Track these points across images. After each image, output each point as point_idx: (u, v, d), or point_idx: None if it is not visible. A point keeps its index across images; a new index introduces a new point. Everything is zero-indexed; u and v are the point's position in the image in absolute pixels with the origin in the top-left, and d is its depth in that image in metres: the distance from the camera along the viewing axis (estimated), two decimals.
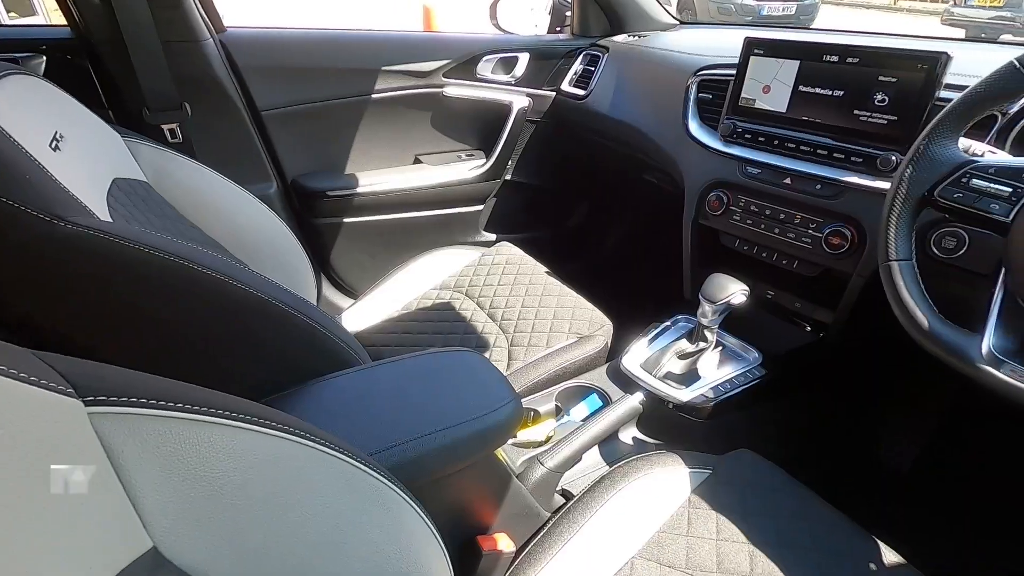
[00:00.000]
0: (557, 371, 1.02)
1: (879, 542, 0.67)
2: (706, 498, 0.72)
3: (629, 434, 0.96)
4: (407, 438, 0.55)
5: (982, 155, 0.67)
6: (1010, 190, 0.62)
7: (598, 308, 1.15)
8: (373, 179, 1.42)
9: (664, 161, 1.23)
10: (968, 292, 0.67)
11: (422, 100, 1.45)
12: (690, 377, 0.97)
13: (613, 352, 1.09)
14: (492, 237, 1.64)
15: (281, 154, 1.35)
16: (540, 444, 0.90)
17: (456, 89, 1.46)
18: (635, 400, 0.93)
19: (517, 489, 0.73)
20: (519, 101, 1.52)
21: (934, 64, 0.80)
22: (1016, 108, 0.79)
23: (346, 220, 1.43)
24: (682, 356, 0.98)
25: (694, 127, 1.14)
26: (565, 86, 1.54)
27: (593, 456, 0.90)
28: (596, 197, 1.85)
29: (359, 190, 1.40)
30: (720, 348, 1.02)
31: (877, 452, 1.31)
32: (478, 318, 1.15)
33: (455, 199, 1.54)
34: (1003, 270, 0.62)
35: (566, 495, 0.82)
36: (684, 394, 0.94)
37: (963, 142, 0.68)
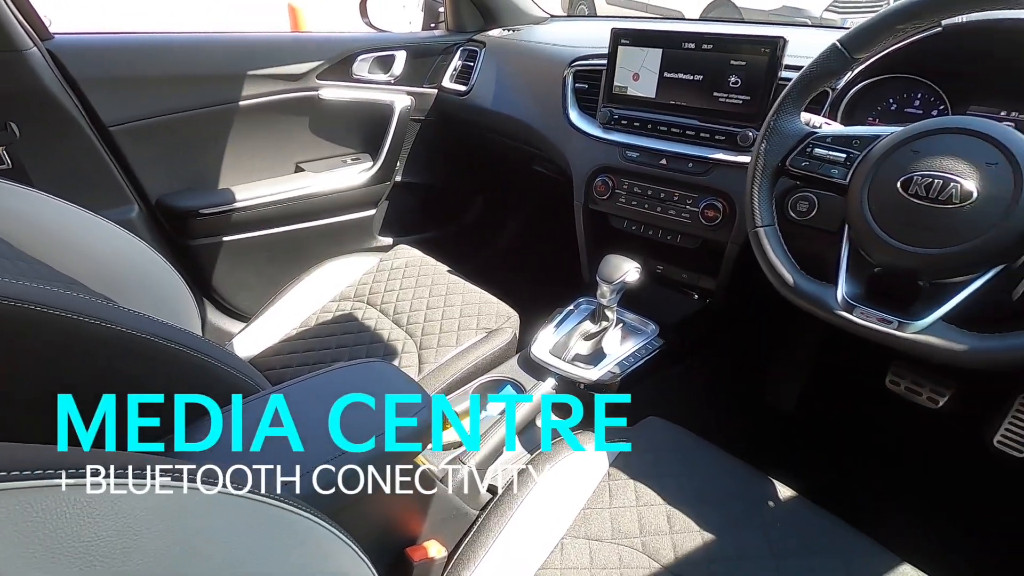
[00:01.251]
0: (470, 368, 1.02)
1: (775, 481, 0.74)
2: (623, 468, 0.76)
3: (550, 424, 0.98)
4: (318, 462, 0.52)
5: (820, 127, 0.75)
6: (844, 156, 0.70)
7: (503, 301, 1.16)
8: (252, 192, 1.32)
9: (551, 151, 1.27)
10: (822, 249, 0.75)
11: (297, 105, 1.37)
12: (597, 356, 1.01)
13: (522, 342, 1.11)
14: (389, 241, 1.60)
15: (139, 173, 1.22)
16: (460, 444, 0.90)
17: (332, 91, 1.40)
18: (548, 386, 0.95)
19: (442, 493, 0.72)
20: (401, 100, 1.49)
21: (774, 47, 0.89)
22: (842, 83, 0.90)
23: (226, 239, 1.32)
24: (587, 337, 1.02)
25: (575, 116, 1.18)
26: (446, 83, 1.53)
27: (515, 447, 0.91)
28: (490, 191, 1.87)
29: (237, 205, 1.30)
30: (621, 325, 1.07)
31: (765, 399, 1.45)
32: (383, 325, 1.12)
33: (345, 205, 1.48)
34: (846, 227, 0.70)
35: (492, 490, 0.82)
36: (593, 373, 0.97)
37: (804, 116, 0.76)
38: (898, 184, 0.63)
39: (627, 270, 0.94)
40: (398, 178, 1.57)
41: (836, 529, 0.67)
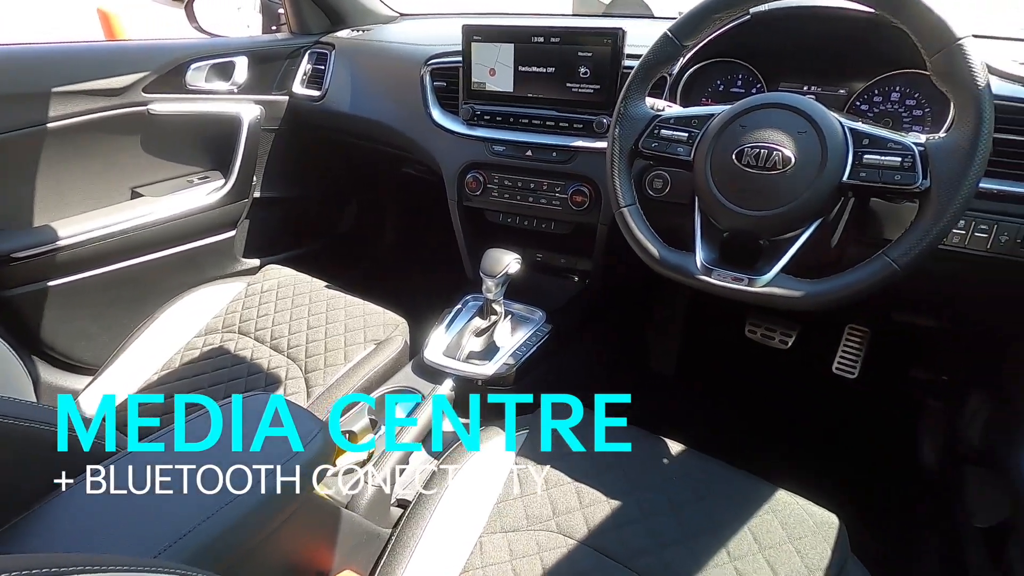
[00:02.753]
0: (363, 384, 0.98)
1: (666, 440, 0.80)
2: (529, 456, 0.78)
3: (448, 423, 0.97)
4: (203, 517, 0.47)
5: (663, 110, 0.82)
6: (687, 135, 0.77)
7: (390, 309, 1.13)
8: (78, 227, 1.14)
9: (418, 151, 1.25)
10: (679, 221, 0.82)
11: (122, 122, 1.21)
12: (490, 351, 1.02)
13: (415, 348, 1.08)
14: (255, 263, 1.48)
15: None
16: (364, 463, 0.86)
17: (165, 105, 1.26)
18: (446, 389, 0.94)
19: (349, 519, 0.69)
20: (249, 110, 1.38)
21: (615, 38, 0.95)
22: (677, 69, 0.99)
23: (52, 284, 1.13)
24: (479, 333, 1.02)
25: (437, 115, 1.17)
26: (297, 88, 1.44)
27: (420, 456, 0.89)
28: (362, 198, 1.80)
29: (61, 243, 1.11)
30: (510, 316, 1.09)
31: (649, 365, 1.56)
32: (260, 354, 1.03)
33: (198, 230, 1.34)
34: (696, 198, 0.77)
35: (403, 504, 0.80)
36: (488, 368, 0.98)
37: (649, 101, 0.82)
38: (733, 156, 0.70)
39: (508, 262, 0.96)
40: (257, 194, 1.45)
41: (722, 472, 0.74)
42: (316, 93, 1.40)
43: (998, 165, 0.75)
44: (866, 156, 0.66)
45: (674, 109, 0.82)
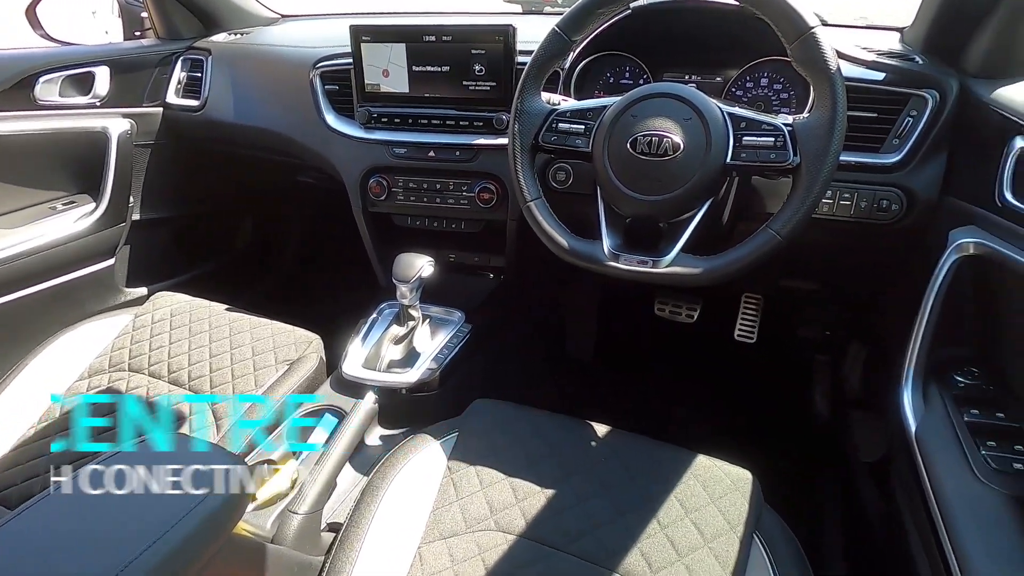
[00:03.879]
0: (279, 408, 0.92)
1: (593, 423, 0.82)
2: (461, 458, 0.77)
3: (375, 436, 0.94)
4: (113, 572, 0.42)
5: (559, 104, 0.83)
6: (583, 127, 0.79)
7: (300, 326, 1.07)
8: None
9: (314, 159, 1.19)
10: (585, 210, 0.84)
11: None
12: (411, 358, 1.00)
13: (332, 363, 1.04)
14: (142, 291, 1.35)
15: None
16: (288, 492, 0.81)
17: (12, 124, 1.11)
18: (369, 402, 0.91)
19: (277, 553, 0.65)
20: (117, 125, 1.25)
21: (506, 35, 0.96)
22: (568, 63, 1.01)
23: None
24: (397, 341, 1.00)
25: (332, 119, 1.12)
26: (172, 98, 1.33)
27: (348, 475, 0.86)
28: (258, 211, 1.70)
29: None
30: (428, 320, 1.07)
31: (568, 352, 1.60)
32: (158, 390, 0.95)
33: (69, 261, 1.20)
34: (598, 188, 0.80)
35: (334, 528, 0.76)
36: (411, 375, 0.96)
37: (545, 95, 0.83)
38: (628, 145, 0.73)
39: (421, 266, 0.94)
40: (136, 216, 1.33)
41: (647, 448, 0.78)
42: (194, 103, 1.30)
43: (853, 140, 0.84)
44: (744, 138, 0.71)
45: (569, 103, 0.85)
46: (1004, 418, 0.68)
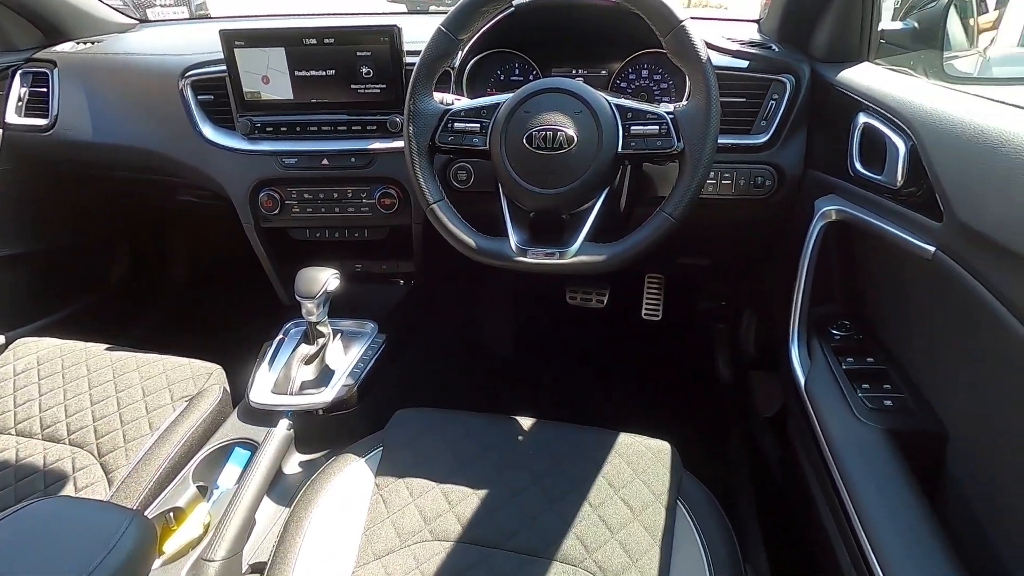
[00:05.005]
0: (182, 450, 0.85)
1: (518, 418, 0.83)
2: (389, 472, 0.75)
3: (294, 464, 0.89)
4: None
5: (453, 103, 0.83)
6: (479, 125, 0.79)
7: (198, 357, 0.99)
8: None
9: (193, 175, 1.10)
10: (489, 208, 0.84)
11: None
12: (325, 376, 0.95)
13: (237, 394, 0.97)
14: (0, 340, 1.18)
15: None
16: (201, 538, 0.75)
17: None
18: (282, 429, 0.85)
19: None
20: None
21: (392, 36, 0.94)
22: (458, 62, 1.01)
23: None
24: (308, 361, 0.94)
25: (210, 132, 1.04)
26: (12, 118, 1.17)
27: (268, 509, 0.80)
28: (135, 238, 1.54)
29: None
30: (339, 335, 1.02)
31: (488, 350, 1.61)
32: (30, 450, 0.83)
33: None
34: (500, 185, 0.80)
35: (257, 569, 0.71)
36: (327, 394, 0.92)
37: (437, 95, 0.82)
38: (524, 140, 0.75)
39: (325, 280, 0.90)
40: None
41: (573, 434, 0.80)
42: (42, 122, 1.15)
43: (727, 123, 0.91)
44: (632, 127, 0.74)
45: (463, 102, 0.84)
46: (873, 362, 0.77)
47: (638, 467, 0.74)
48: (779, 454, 1.02)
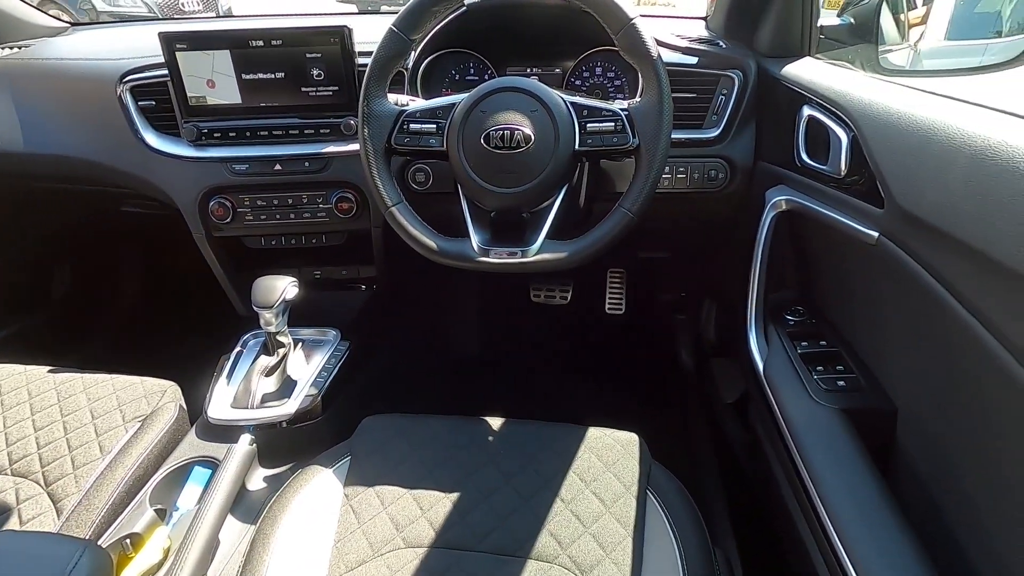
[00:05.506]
0: (136, 472, 0.81)
1: (487, 418, 0.83)
2: (358, 482, 0.73)
3: (258, 480, 0.86)
4: None
5: (407, 104, 0.82)
6: (435, 126, 0.78)
7: (151, 375, 0.94)
8: None
9: (137, 185, 1.05)
10: (449, 209, 0.84)
11: None
12: (287, 387, 0.92)
13: (195, 410, 0.93)
14: None
15: None
16: (161, 563, 0.72)
17: None
18: (244, 444, 0.82)
19: None
20: None
21: (342, 37, 0.92)
22: (411, 62, 1.00)
23: None
24: (268, 372, 0.91)
25: (153, 139, 1.00)
26: None
27: (232, 529, 0.78)
28: (77, 253, 1.46)
29: None
30: (300, 344, 1.00)
31: (453, 352, 1.60)
32: None
33: None
34: (459, 186, 0.80)
35: None
36: (290, 406, 0.89)
37: (392, 96, 0.81)
38: (481, 140, 0.74)
39: (283, 288, 0.87)
40: None
41: (541, 430, 0.80)
42: None
43: (680, 119, 0.92)
44: (588, 125, 0.75)
45: (418, 102, 0.83)
46: (826, 345, 0.80)
47: (608, 460, 0.75)
48: (742, 438, 1.05)
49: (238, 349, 1.00)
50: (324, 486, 0.73)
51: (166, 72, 0.93)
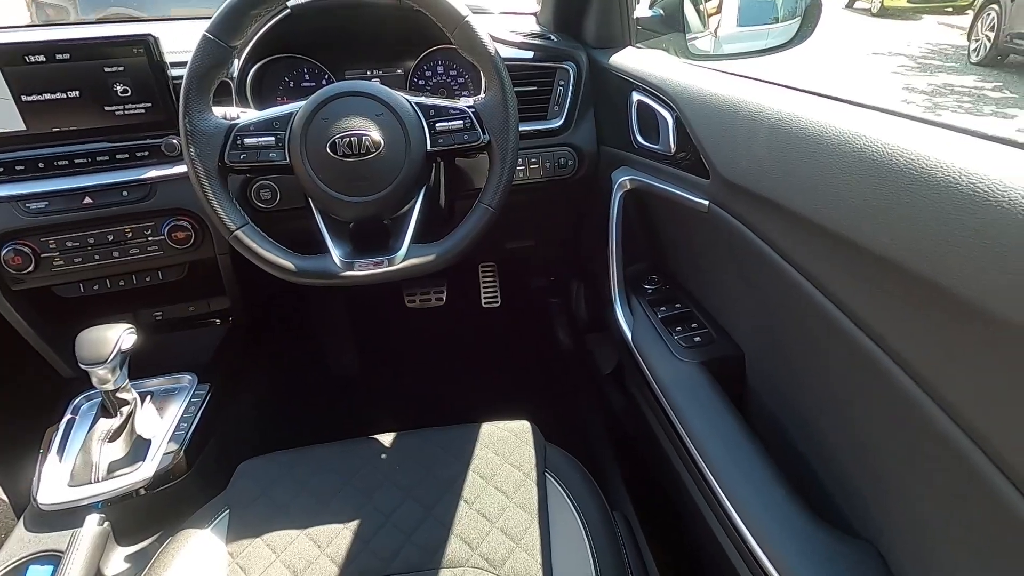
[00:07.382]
0: None
1: (378, 436, 0.79)
2: (242, 534, 0.66)
3: (118, 562, 0.75)
4: None
5: (238, 117, 0.75)
6: (274, 138, 0.73)
7: None
8: None
9: None
10: (303, 225, 0.78)
11: None
12: (139, 449, 0.81)
13: (19, 500, 0.78)
14: None
15: None
16: None
17: None
18: (92, 525, 0.70)
19: None
20: None
21: (148, 46, 0.81)
22: (236, 71, 0.91)
23: None
24: (112, 437, 0.79)
25: None
26: None
27: None
28: None
29: None
30: (149, 397, 0.88)
31: (332, 373, 1.52)
32: None
33: None
34: (310, 199, 0.75)
35: None
36: (147, 468, 0.78)
37: (219, 110, 0.73)
38: (327, 149, 0.70)
39: (117, 338, 0.75)
40: None
41: (435, 436, 0.78)
42: None
43: (525, 111, 0.96)
44: (437, 124, 0.75)
45: (250, 114, 0.77)
46: (680, 307, 0.89)
47: (504, 452, 0.75)
48: (623, 404, 1.13)
49: (68, 417, 0.85)
50: (202, 548, 0.65)
51: None
